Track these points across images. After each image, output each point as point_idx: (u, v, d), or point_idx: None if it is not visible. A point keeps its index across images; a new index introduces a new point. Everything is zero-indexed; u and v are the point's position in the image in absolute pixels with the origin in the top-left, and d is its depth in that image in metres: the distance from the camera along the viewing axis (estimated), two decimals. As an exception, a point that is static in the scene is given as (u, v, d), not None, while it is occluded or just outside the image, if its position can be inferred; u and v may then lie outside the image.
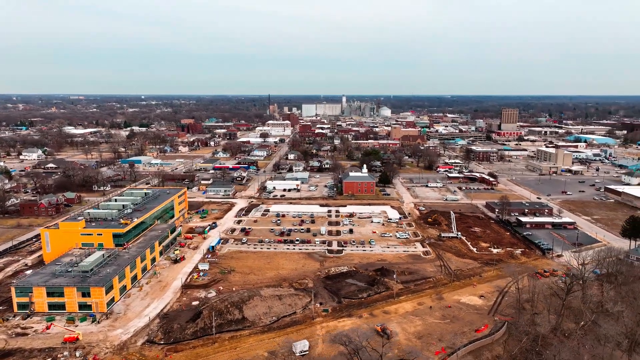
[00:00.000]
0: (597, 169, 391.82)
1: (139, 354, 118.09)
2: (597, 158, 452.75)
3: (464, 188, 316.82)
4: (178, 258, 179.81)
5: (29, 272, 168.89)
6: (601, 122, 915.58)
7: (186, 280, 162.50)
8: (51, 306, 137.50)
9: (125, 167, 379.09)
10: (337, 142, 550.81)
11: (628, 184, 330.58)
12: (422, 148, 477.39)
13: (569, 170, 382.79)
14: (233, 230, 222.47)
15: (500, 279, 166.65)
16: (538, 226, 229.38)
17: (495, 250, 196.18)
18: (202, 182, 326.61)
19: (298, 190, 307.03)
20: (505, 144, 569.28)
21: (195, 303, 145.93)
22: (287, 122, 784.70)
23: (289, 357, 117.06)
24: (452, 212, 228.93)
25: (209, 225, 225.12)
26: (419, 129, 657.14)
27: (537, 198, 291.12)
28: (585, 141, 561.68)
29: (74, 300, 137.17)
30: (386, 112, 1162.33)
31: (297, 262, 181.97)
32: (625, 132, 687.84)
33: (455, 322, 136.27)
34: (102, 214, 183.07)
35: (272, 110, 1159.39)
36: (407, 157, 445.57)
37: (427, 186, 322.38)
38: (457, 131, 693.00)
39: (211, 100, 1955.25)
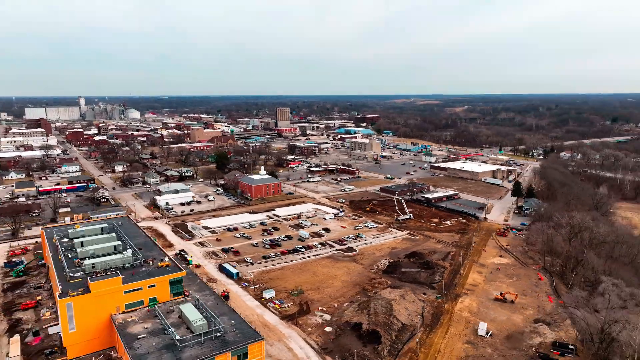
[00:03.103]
0: (402, 154, 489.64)
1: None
2: (382, 145, 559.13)
3: (338, 179, 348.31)
4: (226, 294, 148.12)
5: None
6: (336, 116, 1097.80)
7: (280, 313, 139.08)
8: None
9: None
10: (139, 147, 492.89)
11: (430, 162, 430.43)
12: (247, 148, 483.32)
13: (383, 157, 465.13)
14: (214, 253, 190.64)
15: (486, 242, 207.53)
16: (439, 200, 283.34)
17: (448, 222, 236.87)
18: (61, 210, 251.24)
19: (199, 203, 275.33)
20: (297, 139, 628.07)
21: (328, 329, 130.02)
22: (41, 129, 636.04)
23: (483, 340, 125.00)
24: (401, 199, 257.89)
25: (177, 253, 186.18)
26: (221, 130, 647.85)
27: (397, 179, 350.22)
28: (355, 133, 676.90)
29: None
30: (135, 114, 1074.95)
31: (335, 267, 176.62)
32: (365, 123, 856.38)
33: (520, 279, 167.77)
34: (116, 261, 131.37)
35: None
36: (236, 156, 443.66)
37: (308, 181, 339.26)
38: (242, 130, 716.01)
39: None
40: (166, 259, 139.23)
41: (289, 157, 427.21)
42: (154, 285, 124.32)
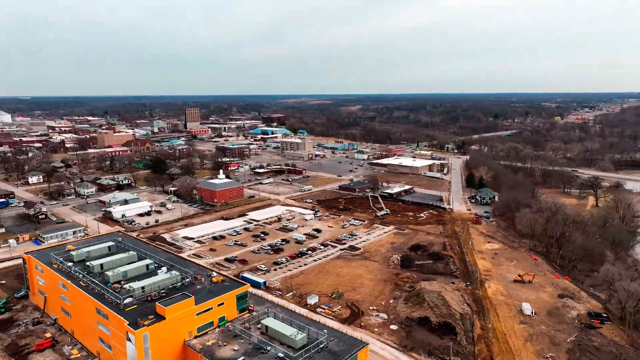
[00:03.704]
0: (333, 152, 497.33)
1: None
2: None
3: (289, 180, 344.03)
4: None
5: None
6: (237, 116, 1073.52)
7: (335, 318, 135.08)
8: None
9: None
10: (40, 155, 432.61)
11: (363, 159, 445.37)
12: (173, 152, 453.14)
13: (317, 155, 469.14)
14: (219, 264, 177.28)
15: (467, 230, 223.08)
16: (399, 194, 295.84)
17: (423, 215, 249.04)
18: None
19: (159, 212, 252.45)
20: (215, 141, 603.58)
21: (393, 327, 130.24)
22: None
23: (532, 319, 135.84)
24: (377, 195, 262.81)
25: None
26: (132, 133, 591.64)
27: (339, 176, 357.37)
28: (273, 133, 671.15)
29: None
30: (5, 117, 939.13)
31: (353, 267, 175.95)
32: (275, 123, 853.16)
33: (519, 261, 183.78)
34: (165, 282, 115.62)
35: None
36: (171, 161, 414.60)
37: (261, 184, 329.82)
38: (151, 133, 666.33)
39: None
40: (214, 273, 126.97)
41: (226, 160, 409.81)
42: (223, 303, 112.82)
